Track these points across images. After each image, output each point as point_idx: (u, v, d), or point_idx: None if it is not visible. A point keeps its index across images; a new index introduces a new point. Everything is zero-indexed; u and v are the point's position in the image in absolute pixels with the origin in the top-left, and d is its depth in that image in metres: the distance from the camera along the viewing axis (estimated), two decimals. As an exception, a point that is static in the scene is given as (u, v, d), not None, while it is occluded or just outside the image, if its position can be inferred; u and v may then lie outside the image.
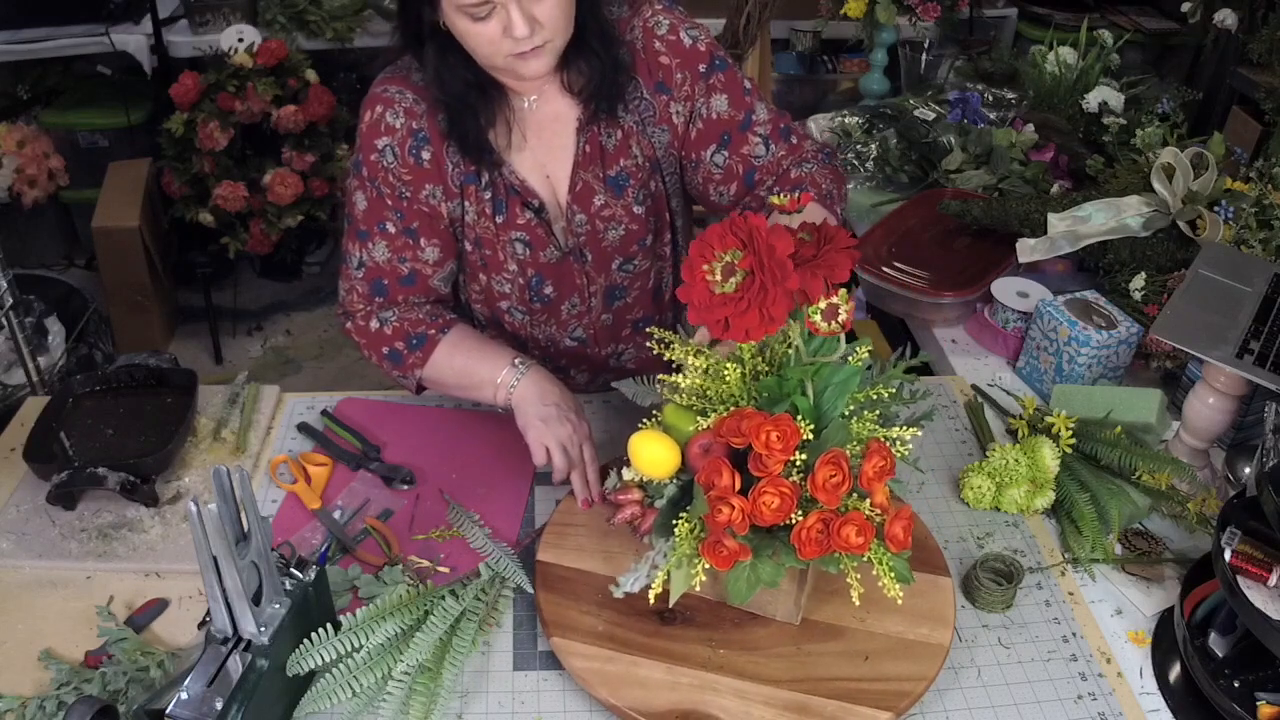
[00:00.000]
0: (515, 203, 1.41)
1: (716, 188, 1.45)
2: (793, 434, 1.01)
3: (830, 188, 1.41)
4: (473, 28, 1.22)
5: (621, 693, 1.10)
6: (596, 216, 1.44)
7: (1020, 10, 3.72)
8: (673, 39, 1.38)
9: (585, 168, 1.41)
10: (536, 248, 1.45)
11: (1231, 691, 1.10)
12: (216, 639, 1.01)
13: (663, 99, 1.40)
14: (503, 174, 1.40)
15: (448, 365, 1.41)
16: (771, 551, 1.06)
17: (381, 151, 1.37)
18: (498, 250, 1.45)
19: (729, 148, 1.42)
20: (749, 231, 0.98)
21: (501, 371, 1.38)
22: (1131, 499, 1.37)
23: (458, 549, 1.31)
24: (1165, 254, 1.76)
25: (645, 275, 1.54)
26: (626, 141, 1.41)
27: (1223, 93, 3.01)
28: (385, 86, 1.38)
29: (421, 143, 1.37)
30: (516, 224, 1.43)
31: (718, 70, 1.40)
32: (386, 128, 1.37)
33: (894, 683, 1.12)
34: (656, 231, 1.50)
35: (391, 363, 1.44)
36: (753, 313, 0.97)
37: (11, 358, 2.43)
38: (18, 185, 3.16)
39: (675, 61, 1.38)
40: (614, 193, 1.43)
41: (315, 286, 3.70)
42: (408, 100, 1.36)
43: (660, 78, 1.39)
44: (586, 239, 1.46)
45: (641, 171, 1.43)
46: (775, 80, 3.57)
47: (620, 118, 1.40)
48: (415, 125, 1.37)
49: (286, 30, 3.25)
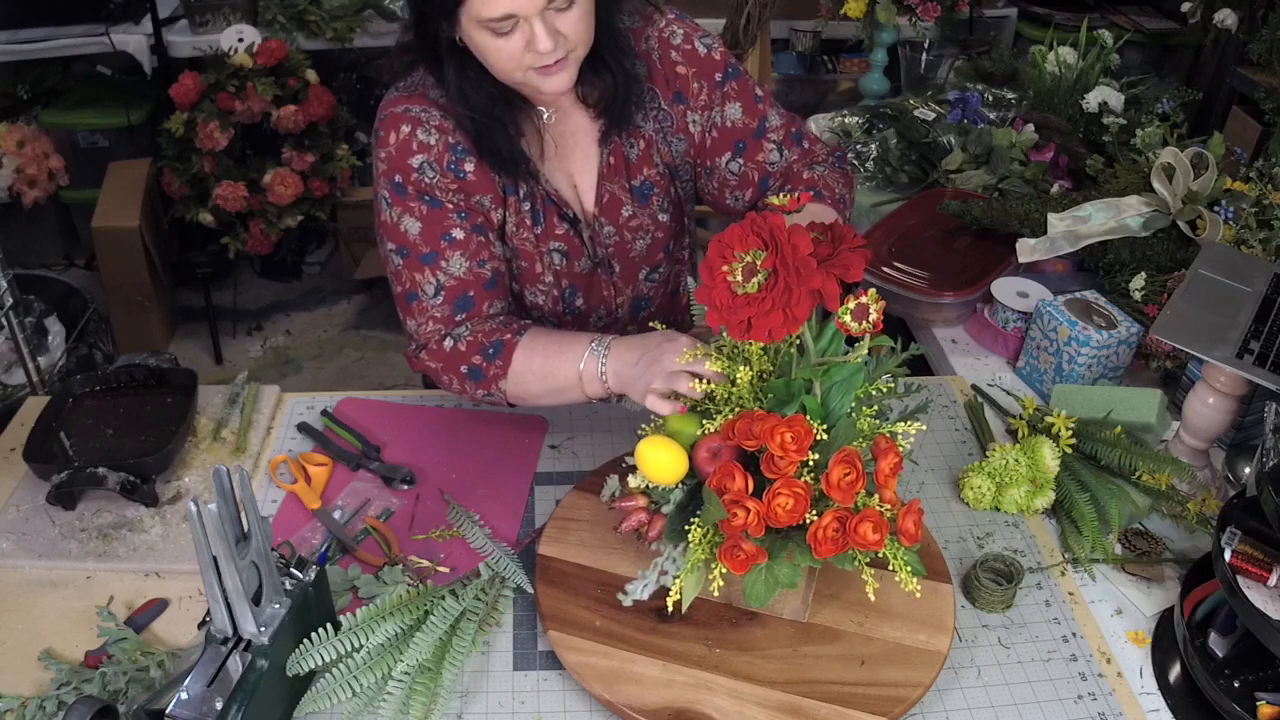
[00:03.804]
0: (552, 213, 1.39)
1: (732, 193, 1.45)
2: (806, 434, 1.01)
3: (843, 191, 1.42)
4: (494, 43, 1.19)
5: (616, 689, 1.11)
6: (625, 227, 1.43)
7: (1020, 10, 3.72)
8: (688, 48, 1.37)
9: (611, 179, 1.40)
10: (573, 257, 1.43)
11: (1231, 691, 1.10)
12: (216, 639, 1.01)
13: (680, 109, 1.39)
14: (540, 183, 1.37)
15: (528, 370, 1.30)
16: (786, 553, 1.06)
17: (420, 169, 1.30)
18: (535, 262, 1.42)
19: (744, 155, 1.42)
20: (770, 231, 0.99)
21: (582, 361, 1.27)
22: (1131, 499, 1.37)
23: (458, 549, 1.31)
24: (1165, 254, 1.76)
25: (667, 281, 1.54)
26: (649, 151, 1.40)
27: (1223, 93, 3.00)
28: (406, 106, 1.31)
29: (461, 156, 1.31)
30: (555, 234, 1.40)
31: (732, 79, 1.40)
32: (420, 145, 1.30)
33: (889, 688, 1.12)
34: (677, 235, 1.50)
35: (474, 381, 1.33)
36: (777, 313, 0.98)
37: (11, 358, 2.43)
38: (18, 185, 3.16)
39: (692, 71, 1.38)
40: (640, 202, 1.42)
41: (315, 286, 3.70)
42: (434, 117, 1.30)
43: (678, 88, 1.38)
44: (614, 250, 1.45)
45: (664, 179, 1.43)
46: (775, 80, 3.58)
47: (640, 127, 1.39)
48: (451, 140, 1.30)
49: (286, 30, 3.25)
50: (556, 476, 1.44)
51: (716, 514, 1.03)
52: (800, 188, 1.40)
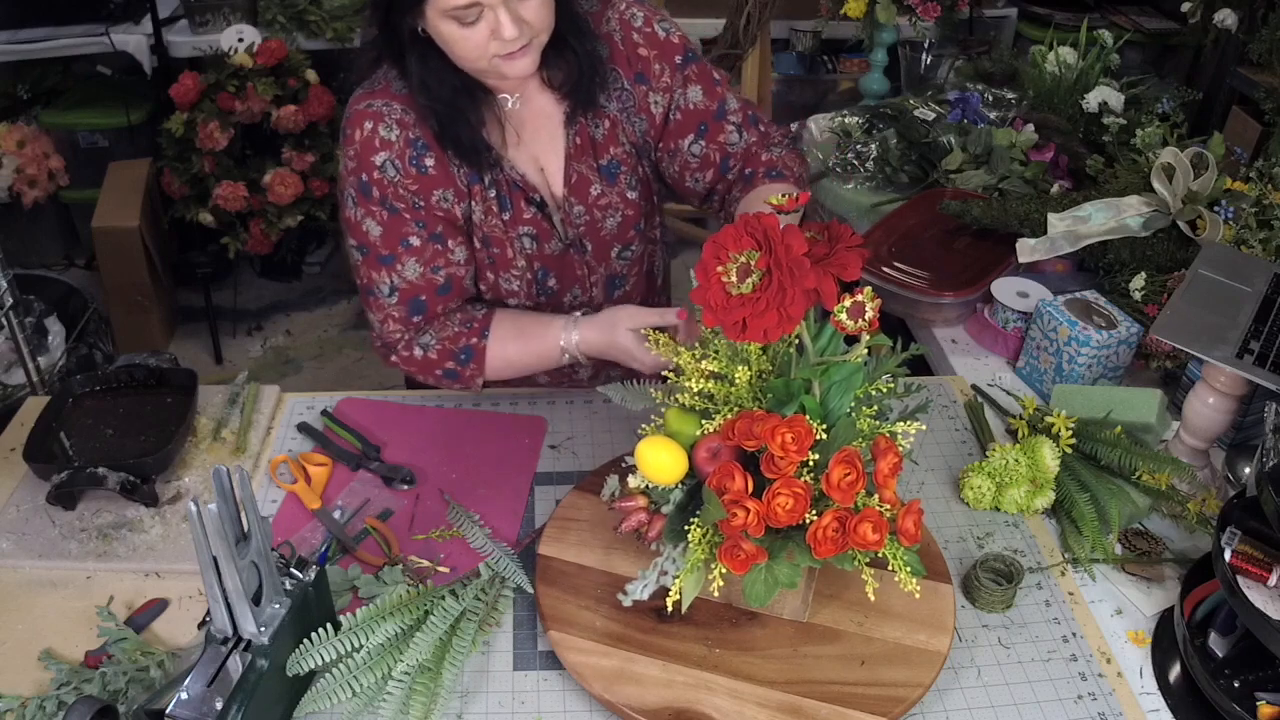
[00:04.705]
0: (519, 198, 1.43)
1: (693, 174, 1.49)
2: (806, 435, 1.01)
3: (800, 171, 1.49)
4: (460, 32, 1.22)
5: (616, 689, 1.11)
6: (594, 206, 1.46)
7: (1020, 10, 3.72)
8: (649, 31, 1.41)
9: (578, 159, 1.43)
10: (542, 240, 1.46)
11: (1231, 691, 1.10)
12: (216, 639, 1.01)
13: (642, 89, 1.43)
14: (503, 170, 1.41)
15: (505, 365, 1.45)
16: (785, 552, 1.06)
17: (381, 167, 1.35)
18: (506, 247, 1.45)
19: (706, 137, 1.46)
20: (764, 232, 0.99)
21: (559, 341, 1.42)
22: (1131, 499, 1.37)
23: (458, 549, 1.31)
24: (1165, 254, 1.76)
25: (640, 260, 1.56)
26: (614, 130, 1.44)
27: (1223, 93, 3.00)
28: (368, 101, 1.35)
29: (422, 151, 1.36)
30: (523, 219, 1.44)
31: (691, 62, 1.44)
32: (382, 143, 1.34)
33: (889, 688, 1.12)
34: (648, 215, 1.53)
35: (450, 379, 1.47)
36: (771, 313, 0.98)
37: (11, 358, 2.43)
38: (18, 185, 3.16)
39: (653, 53, 1.42)
40: (608, 181, 1.45)
41: (315, 286, 3.70)
42: (396, 111, 1.34)
43: (640, 69, 1.42)
44: (586, 229, 1.47)
45: (630, 158, 1.46)
46: (775, 80, 3.57)
47: (605, 107, 1.42)
48: (411, 135, 1.35)
49: (286, 30, 3.25)
50: (556, 476, 1.45)
51: (716, 514, 1.02)
52: (761, 169, 1.46)
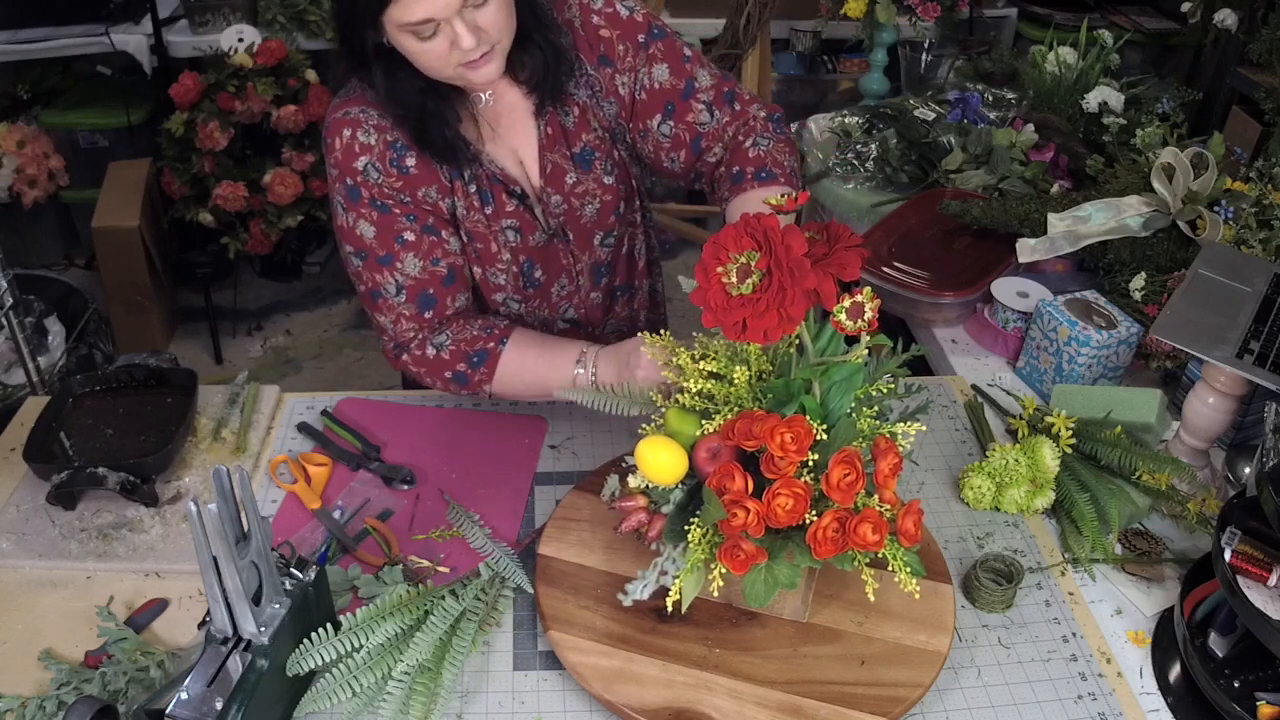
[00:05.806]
0: (500, 191, 1.43)
1: (667, 155, 1.47)
2: (806, 435, 1.01)
3: (791, 163, 1.44)
4: (419, 46, 1.22)
5: (616, 689, 1.11)
6: (571, 194, 1.46)
7: (1020, 10, 3.72)
8: (609, 11, 1.40)
9: (551, 149, 1.43)
10: (525, 232, 1.46)
11: (1231, 691, 1.10)
12: (216, 639, 1.01)
13: (607, 72, 1.42)
14: (482, 164, 1.41)
15: (516, 379, 1.39)
16: (785, 553, 1.06)
17: (364, 170, 1.35)
18: (490, 241, 1.45)
19: (674, 116, 1.44)
20: (764, 232, 0.99)
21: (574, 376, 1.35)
22: (1131, 499, 1.37)
23: (458, 549, 1.31)
24: (1165, 254, 1.76)
25: (621, 244, 1.56)
26: (584, 117, 1.43)
27: (1223, 93, 3.01)
28: (345, 110, 1.35)
29: (402, 152, 1.36)
30: (505, 212, 1.44)
31: (656, 39, 1.42)
32: (362, 147, 1.34)
33: (889, 688, 1.12)
34: (627, 199, 1.53)
35: (458, 384, 1.41)
36: (771, 314, 0.98)
37: (11, 358, 2.43)
38: (18, 185, 3.16)
39: (615, 34, 1.40)
40: (583, 168, 1.45)
41: (315, 286, 3.70)
42: (373, 117, 1.35)
43: (602, 51, 1.41)
44: (566, 218, 1.47)
45: (604, 143, 1.46)
46: (775, 80, 3.58)
47: (574, 94, 1.42)
48: (389, 138, 1.35)
49: (286, 30, 3.25)
50: (556, 476, 1.45)
51: (716, 514, 1.02)
52: (750, 169, 1.41)
